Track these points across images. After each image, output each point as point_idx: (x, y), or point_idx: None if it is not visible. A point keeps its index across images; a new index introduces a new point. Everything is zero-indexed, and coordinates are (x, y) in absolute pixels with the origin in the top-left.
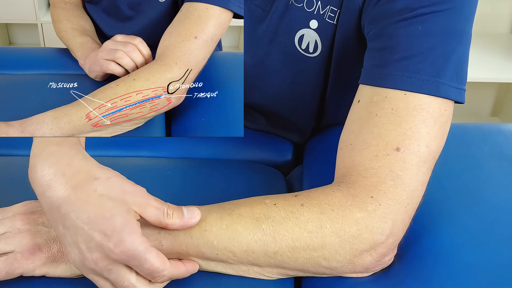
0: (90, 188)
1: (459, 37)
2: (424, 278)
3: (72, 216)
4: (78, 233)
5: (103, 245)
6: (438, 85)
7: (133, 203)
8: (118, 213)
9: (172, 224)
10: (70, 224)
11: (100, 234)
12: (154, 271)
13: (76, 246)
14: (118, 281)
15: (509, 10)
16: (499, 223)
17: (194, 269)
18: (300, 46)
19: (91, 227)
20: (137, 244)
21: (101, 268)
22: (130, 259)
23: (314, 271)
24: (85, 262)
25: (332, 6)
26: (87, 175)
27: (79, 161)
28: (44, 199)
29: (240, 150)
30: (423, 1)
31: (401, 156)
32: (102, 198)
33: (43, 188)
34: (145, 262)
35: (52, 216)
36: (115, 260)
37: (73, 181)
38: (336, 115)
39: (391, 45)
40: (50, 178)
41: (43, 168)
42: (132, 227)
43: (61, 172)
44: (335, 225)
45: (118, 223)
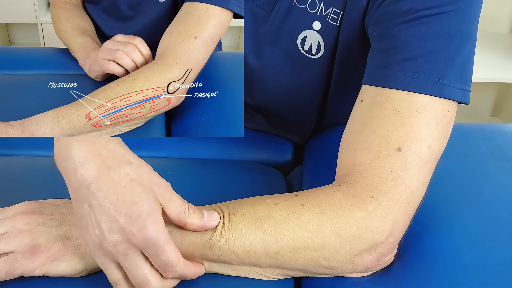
0: (123, 171)
1: (463, 38)
2: (423, 278)
3: (100, 196)
4: (103, 213)
5: (125, 228)
6: (441, 86)
7: (159, 194)
8: (145, 200)
9: (191, 224)
10: (97, 203)
11: (125, 217)
12: (168, 264)
13: (98, 226)
14: (131, 268)
15: (509, 10)
16: (499, 223)
17: (201, 271)
18: (303, 47)
19: (117, 208)
20: (159, 234)
21: (119, 251)
22: (149, 246)
23: (315, 271)
24: (104, 243)
25: (335, 8)
26: (121, 158)
27: (115, 144)
28: (74, 176)
29: (240, 150)
30: (428, 3)
31: (403, 157)
32: (132, 182)
33: (76, 165)
34: (162, 253)
35: (79, 195)
36: (134, 245)
37: (107, 162)
38: (337, 115)
39: (394, 46)
40: (86, 155)
41: (79, 145)
42: (157, 216)
43: (97, 152)
44: (335, 225)
45: (145, 209)
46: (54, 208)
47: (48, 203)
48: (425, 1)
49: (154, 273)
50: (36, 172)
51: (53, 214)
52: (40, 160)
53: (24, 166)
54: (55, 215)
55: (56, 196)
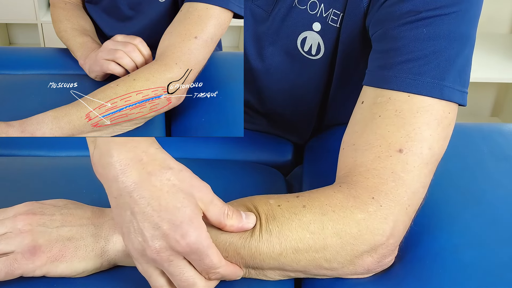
0: (164, 176)
1: (464, 40)
2: (424, 279)
3: (142, 202)
4: (146, 220)
5: (169, 235)
6: (442, 88)
7: (199, 199)
8: (188, 205)
9: (231, 226)
10: (139, 210)
11: (168, 224)
12: (211, 267)
13: (140, 234)
14: (177, 274)
15: (509, 10)
16: (499, 223)
17: (240, 273)
18: (303, 48)
19: (160, 215)
20: (202, 239)
21: (163, 258)
22: (193, 252)
23: (316, 272)
24: (147, 250)
25: (335, 9)
26: (162, 163)
27: (155, 149)
28: (116, 183)
29: (240, 151)
30: (429, 4)
31: (404, 158)
32: (174, 187)
33: (117, 172)
34: (206, 257)
35: (121, 202)
36: (178, 251)
37: (149, 168)
38: (338, 116)
39: (396, 47)
40: (127, 162)
41: (120, 152)
42: (199, 221)
43: (138, 158)
44: (336, 226)
45: (187, 215)
46: (55, 209)
47: (49, 204)
48: (427, 3)
49: (199, 275)
50: (36, 172)
51: (54, 214)
52: (40, 160)
53: (24, 166)
54: (56, 215)
55: (56, 197)
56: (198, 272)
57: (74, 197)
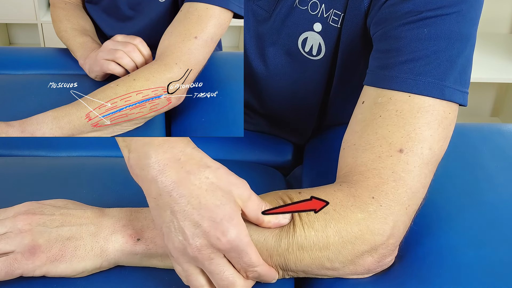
0: (203, 175)
1: (465, 40)
2: (424, 279)
3: (183, 201)
4: (187, 219)
5: (210, 232)
6: (443, 88)
7: (237, 196)
8: (227, 203)
9: (268, 222)
10: (180, 209)
11: (209, 221)
12: (250, 265)
13: (181, 232)
14: (217, 272)
15: (509, 11)
16: (499, 223)
17: (276, 276)
18: (304, 48)
19: (201, 213)
20: (243, 236)
21: (204, 256)
22: (233, 249)
23: (317, 272)
24: (188, 249)
25: (336, 10)
26: (199, 162)
27: (191, 149)
28: (155, 184)
29: (240, 151)
30: (430, 4)
31: (404, 158)
32: (213, 185)
33: (156, 173)
34: (245, 255)
35: (160, 202)
36: (219, 249)
37: (187, 167)
38: (338, 116)
39: (397, 47)
40: (165, 163)
41: (157, 153)
42: (238, 218)
43: (176, 158)
44: (338, 225)
45: (228, 212)
46: (55, 209)
47: (48, 204)
48: (428, 3)
49: (238, 273)
50: (36, 172)
51: (53, 214)
52: (40, 160)
53: (24, 166)
54: (55, 215)
55: (56, 197)
56: (237, 270)
57: (74, 197)
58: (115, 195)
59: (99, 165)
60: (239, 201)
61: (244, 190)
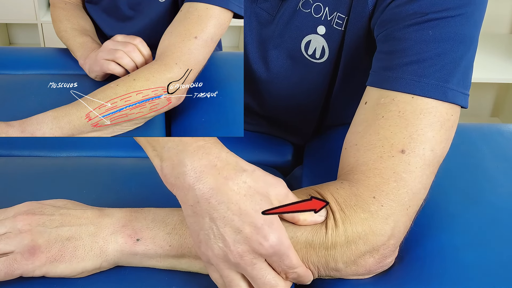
0: (240, 179)
1: (468, 43)
2: (424, 279)
3: (222, 208)
4: (227, 225)
5: (251, 238)
6: (446, 90)
7: (275, 196)
8: (266, 206)
9: (304, 220)
10: (219, 216)
11: (250, 227)
12: (290, 267)
13: (221, 239)
14: (259, 277)
15: (509, 11)
16: (499, 223)
17: (311, 277)
18: (307, 51)
19: (242, 218)
20: (284, 240)
21: (246, 262)
22: (275, 254)
23: (322, 272)
24: (229, 255)
25: (340, 13)
26: (236, 166)
27: (226, 154)
28: (192, 191)
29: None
30: (435, 6)
31: (406, 159)
32: (251, 190)
33: (193, 180)
34: (286, 258)
35: (198, 209)
36: (261, 254)
37: (224, 172)
38: (339, 117)
39: (400, 48)
40: (202, 169)
41: (193, 160)
42: (278, 222)
43: (212, 164)
44: (344, 225)
45: (268, 217)
46: (55, 209)
47: (48, 204)
48: (433, 5)
49: (279, 276)
50: (36, 172)
51: (53, 215)
52: (40, 160)
53: (24, 166)
54: (55, 216)
55: (56, 197)
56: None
57: (74, 197)
58: (115, 195)
59: (99, 165)
60: (276, 202)
61: (281, 190)
